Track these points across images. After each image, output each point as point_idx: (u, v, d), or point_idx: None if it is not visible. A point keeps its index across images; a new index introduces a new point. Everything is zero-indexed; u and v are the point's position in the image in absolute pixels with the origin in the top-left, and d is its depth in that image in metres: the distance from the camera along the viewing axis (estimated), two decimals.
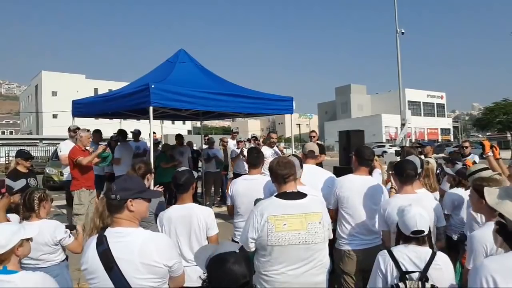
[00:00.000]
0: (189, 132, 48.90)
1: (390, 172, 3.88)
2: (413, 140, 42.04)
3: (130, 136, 9.12)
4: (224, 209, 8.44)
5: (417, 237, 2.21)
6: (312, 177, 3.69)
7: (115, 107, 6.86)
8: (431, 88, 74.04)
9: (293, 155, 3.90)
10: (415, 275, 2.09)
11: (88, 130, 6.45)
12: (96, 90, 56.13)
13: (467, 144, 7.84)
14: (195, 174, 3.30)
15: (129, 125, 11.41)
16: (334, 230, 3.29)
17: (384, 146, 41.25)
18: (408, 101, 61.80)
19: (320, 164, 6.69)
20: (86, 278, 2.00)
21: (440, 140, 59.95)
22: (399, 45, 22.31)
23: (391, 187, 3.90)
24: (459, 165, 4.57)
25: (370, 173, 3.83)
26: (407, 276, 2.09)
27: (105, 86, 55.87)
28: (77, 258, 3.24)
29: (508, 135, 33.29)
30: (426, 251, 2.19)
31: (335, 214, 3.44)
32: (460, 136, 68.14)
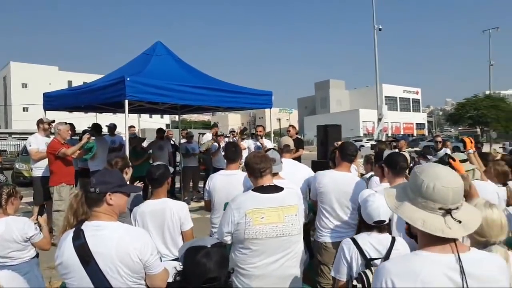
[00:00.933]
0: (167, 126, 48.31)
1: (379, 164, 3.96)
2: (390, 135, 43.00)
3: (106, 130, 8.93)
4: (203, 203, 8.42)
5: (378, 226, 2.29)
6: (290, 171, 3.73)
7: (89, 100, 6.71)
8: (407, 84, 76.24)
9: (273, 149, 3.94)
10: (378, 262, 2.16)
11: (66, 123, 6.28)
12: (70, 82, 54.62)
13: (439, 139, 8.08)
14: (171, 169, 3.28)
15: (105, 119, 11.18)
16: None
17: (361, 140, 41.95)
18: (385, 97, 63.02)
19: (298, 159, 6.76)
20: (60, 274, 1.95)
21: (415, 135, 61.46)
22: (376, 41, 22.77)
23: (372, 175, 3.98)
24: (430, 158, 4.72)
25: None
26: (371, 262, 2.16)
27: (79, 79, 54.42)
28: (47, 257, 3.18)
29: (478, 129, 34.46)
30: (386, 237, 2.28)
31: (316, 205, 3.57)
32: (434, 130, 70.14)
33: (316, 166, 7.06)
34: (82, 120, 16.89)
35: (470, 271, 1.28)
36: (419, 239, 1.41)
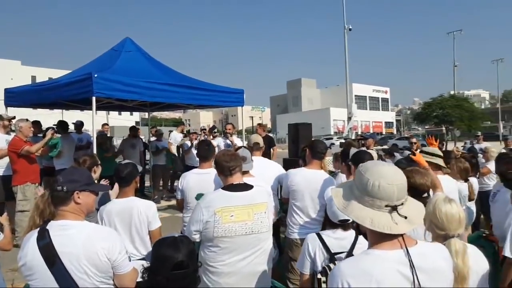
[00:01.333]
0: (137, 123, 47.33)
1: (345, 162, 4.06)
2: (359, 133, 44.02)
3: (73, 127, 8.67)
4: (173, 202, 8.35)
5: (343, 224, 2.38)
6: (260, 169, 3.78)
7: (55, 96, 6.49)
8: (377, 83, 77.73)
9: (244, 147, 3.98)
10: (343, 256, 2.25)
11: (27, 120, 6.05)
12: (34, 78, 52.48)
13: (414, 139, 8.37)
14: (140, 167, 3.25)
15: (72, 116, 10.85)
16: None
17: (332, 138, 42.82)
18: (355, 96, 64.37)
19: (268, 156, 6.82)
20: (24, 275, 1.90)
21: (384, 133, 63.15)
22: (346, 41, 23.24)
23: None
24: (397, 156, 4.90)
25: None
26: (335, 257, 2.24)
27: (44, 74, 52.30)
28: (9, 259, 3.07)
29: (443, 128, 35.79)
30: (350, 234, 2.37)
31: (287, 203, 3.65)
32: (402, 129, 72.32)
33: (288, 164, 7.15)
34: (48, 118, 16.31)
35: (419, 264, 1.34)
36: (369, 237, 1.45)
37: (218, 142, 7.49)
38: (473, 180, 4.37)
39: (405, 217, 1.35)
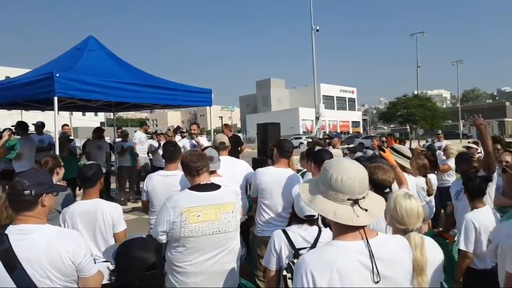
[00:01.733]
0: (102, 124, 46.09)
1: (309, 160, 4.16)
2: (327, 132, 44.91)
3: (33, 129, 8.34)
4: (140, 204, 8.23)
5: (309, 220, 2.46)
6: (227, 168, 3.81)
7: (13, 96, 6.22)
8: (344, 84, 79.44)
9: (211, 147, 3.99)
10: (306, 251, 2.32)
11: None
12: None
13: (384, 138, 8.63)
14: (104, 169, 3.20)
15: (33, 117, 10.44)
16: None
17: (300, 138, 43.43)
18: (323, 96, 65.51)
19: (236, 155, 6.87)
20: None
21: (351, 132, 64.67)
22: (314, 41, 23.64)
23: None
24: (358, 154, 5.07)
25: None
26: (300, 252, 2.31)
27: (1, 73, 49.91)
28: None
29: (408, 127, 37.08)
30: (314, 229, 2.45)
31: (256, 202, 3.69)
32: (368, 128, 74.32)
33: (257, 163, 7.24)
34: (6, 118, 15.61)
35: (378, 254, 1.42)
36: (333, 229, 1.53)
37: (184, 143, 7.45)
38: (431, 176, 4.59)
39: (366, 210, 1.43)
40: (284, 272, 2.23)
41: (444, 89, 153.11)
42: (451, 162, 6.18)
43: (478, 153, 6.37)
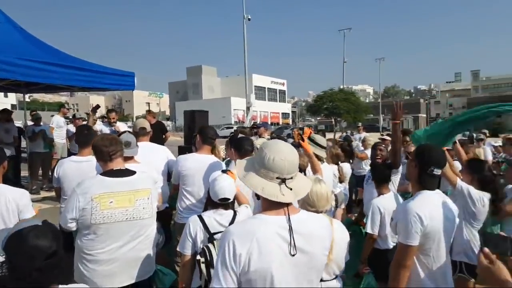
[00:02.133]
0: (13, 106, 41.92)
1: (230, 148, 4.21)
2: (258, 123, 45.63)
3: None
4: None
5: (224, 203, 2.51)
6: (146, 155, 3.72)
7: None
8: (276, 75, 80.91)
9: (128, 132, 3.86)
10: (220, 235, 2.38)
11: None
12: None
13: (299, 130, 8.99)
14: (8, 151, 2.95)
15: None
16: None
17: (232, 127, 43.53)
18: (255, 86, 66.31)
19: (161, 143, 6.71)
20: None
21: (281, 123, 66.47)
22: (245, 31, 23.77)
23: None
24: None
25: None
26: (214, 236, 2.37)
27: None
28: None
29: (333, 119, 39.12)
30: (229, 213, 2.52)
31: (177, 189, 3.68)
32: (297, 120, 76.98)
33: (183, 151, 7.11)
34: None
35: (297, 228, 1.55)
36: (261, 204, 1.65)
37: (102, 128, 7.05)
38: (344, 165, 4.94)
39: (291, 189, 1.56)
40: (198, 257, 2.26)
41: (368, 84, 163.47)
42: (369, 152, 6.71)
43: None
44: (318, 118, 56.90)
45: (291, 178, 1.59)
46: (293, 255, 1.51)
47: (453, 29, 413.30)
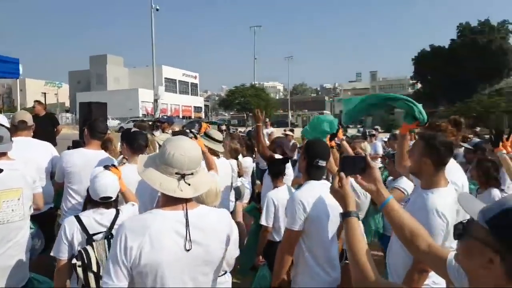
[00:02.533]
0: None
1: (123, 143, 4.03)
2: (164, 116, 44.38)
3: None
4: None
5: (105, 202, 2.39)
6: (24, 151, 3.37)
7: None
8: (188, 68, 79.58)
9: (1, 125, 3.45)
10: (101, 236, 2.27)
11: None
12: None
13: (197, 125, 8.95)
14: None
15: None
16: None
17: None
18: (165, 78, 64.46)
19: (52, 137, 6.21)
20: None
21: (193, 117, 65.70)
22: (153, 20, 22.90)
23: None
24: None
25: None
26: (94, 238, 2.25)
27: None
28: None
29: (245, 114, 39.98)
30: (111, 212, 2.41)
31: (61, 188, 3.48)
32: (210, 114, 76.83)
33: (76, 145, 6.63)
34: None
35: (195, 223, 1.58)
36: (161, 200, 1.67)
37: None
38: (244, 159, 5.06)
39: (189, 185, 1.58)
40: (74, 260, 2.11)
41: (278, 81, 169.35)
42: None
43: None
44: (231, 113, 57.50)
45: (192, 174, 1.61)
46: (188, 250, 1.54)
47: (354, 29, 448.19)
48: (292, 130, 8.49)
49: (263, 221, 3.57)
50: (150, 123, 8.31)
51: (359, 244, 1.53)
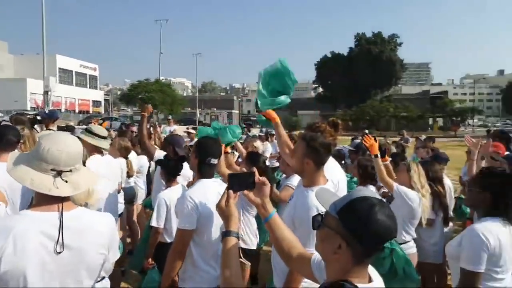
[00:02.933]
0: None
1: None
2: (63, 110, 40.97)
3: None
4: None
5: None
6: None
7: None
8: (86, 59, 74.03)
9: None
10: None
11: None
12: None
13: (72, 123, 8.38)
14: None
15: None
16: None
17: (27, 114, 37.73)
18: (60, 68, 59.30)
19: None
20: None
21: (91, 112, 61.48)
22: (44, 6, 20.80)
23: None
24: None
25: None
26: None
27: None
28: None
29: (135, 108, 38.65)
30: None
31: None
32: (110, 109, 72.52)
33: None
34: None
35: (70, 225, 1.49)
36: (34, 199, 1.57)
37: None
38: (137, 158, 4.87)
39: (66, 181, 1.49)
40: None
41: (186, 78, 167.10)
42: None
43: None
44: (134, 109, 55.04)
45: (70, 171, 1.52)
46: (59, 253, 1.45)
47: (264, 32, 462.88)
48: (195, 128, 8.39)
49: (153, 222, 3.46)
50: (31, 117, 7.51)
51: (228, 261, 1.58)
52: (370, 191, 1.37)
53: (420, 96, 60.50)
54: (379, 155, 3.64)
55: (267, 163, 5.16)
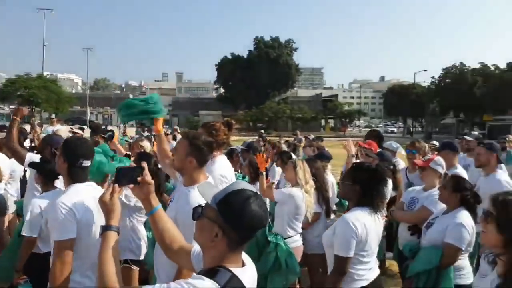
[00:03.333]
0: None
1: None
2: None
3: None
4: None
5: None
6: None
7: None
8: None
9: None
10: None
11: None
12: None
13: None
14: None
15: None
16: None
17: None
18: None
19: None
20: None
21: None
22: None
23: None
24: None
25: None
26: None
27: None
28: None
29: (29, 109, 35.05)
30: None
31: None
32: None
33: None
34: None
35: None
36: None
37: None
38: (4, 162, 4.42)
39: None
40: None
41: (76, 74, 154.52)
42: None
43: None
44: (11, 107, 49.15)
45: None
46: None
47: (161, 30, 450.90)
48: (82, 129, 7.82)
49: (26, 231, 3.13)
50: None
51: (107, 256, 1.61)
52: (247, 184, 1.52)
53: (314, 99, 65.46)
54: (264, 173, 3.90)
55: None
